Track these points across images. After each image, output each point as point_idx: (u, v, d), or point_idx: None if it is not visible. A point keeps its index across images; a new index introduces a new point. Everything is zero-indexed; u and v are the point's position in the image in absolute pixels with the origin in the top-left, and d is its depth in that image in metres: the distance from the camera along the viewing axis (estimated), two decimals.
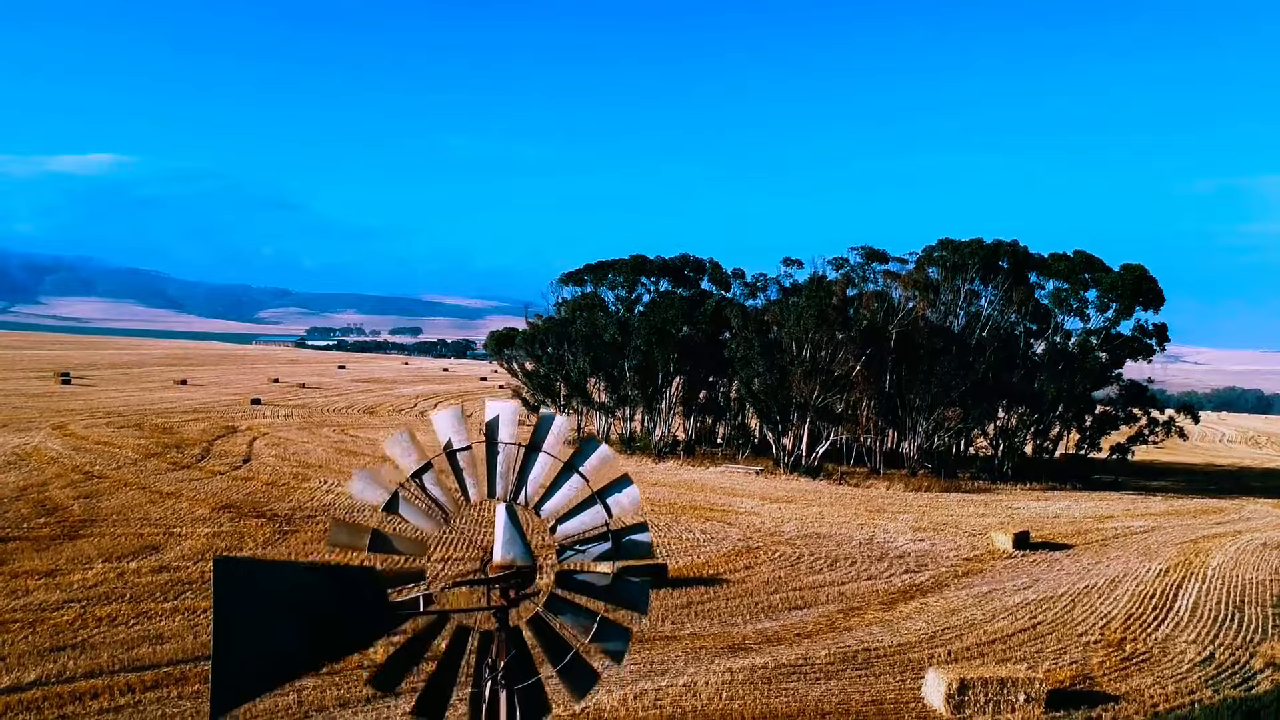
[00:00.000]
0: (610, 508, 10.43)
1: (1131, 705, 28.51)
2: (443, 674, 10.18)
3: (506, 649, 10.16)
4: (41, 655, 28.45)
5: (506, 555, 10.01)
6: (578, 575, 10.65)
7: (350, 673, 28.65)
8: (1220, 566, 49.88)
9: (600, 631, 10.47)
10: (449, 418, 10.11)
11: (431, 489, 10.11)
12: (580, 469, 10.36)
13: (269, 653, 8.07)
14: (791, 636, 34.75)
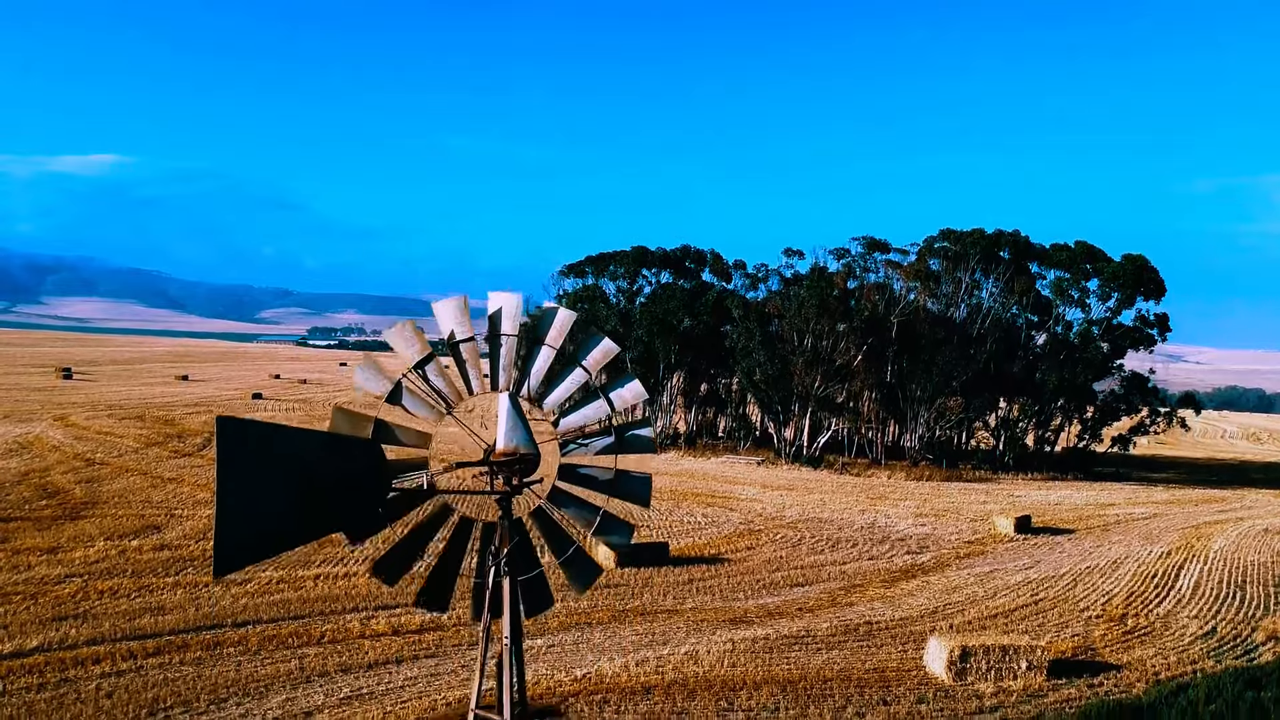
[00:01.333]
0: (613, 401, 10.39)
1: (1133, 674, 28.48)
2: (446, 564, 10.16)
3: (509, 537, 10.13)
4: (43, 624, 28.45)
5: (509, 443, 9.98)
6: (580, 469, 10.61)
7: (352, 641, 28.67)
8: (1222, 549, 49.84)
9: (603, 524, 10.45)
10: (452, 309, 10.06)
11: (434, 380, 10.08)
12: (583, 362, 10.33)
13: (271, 516, 8.05)
14: (793, 611, 34.72)
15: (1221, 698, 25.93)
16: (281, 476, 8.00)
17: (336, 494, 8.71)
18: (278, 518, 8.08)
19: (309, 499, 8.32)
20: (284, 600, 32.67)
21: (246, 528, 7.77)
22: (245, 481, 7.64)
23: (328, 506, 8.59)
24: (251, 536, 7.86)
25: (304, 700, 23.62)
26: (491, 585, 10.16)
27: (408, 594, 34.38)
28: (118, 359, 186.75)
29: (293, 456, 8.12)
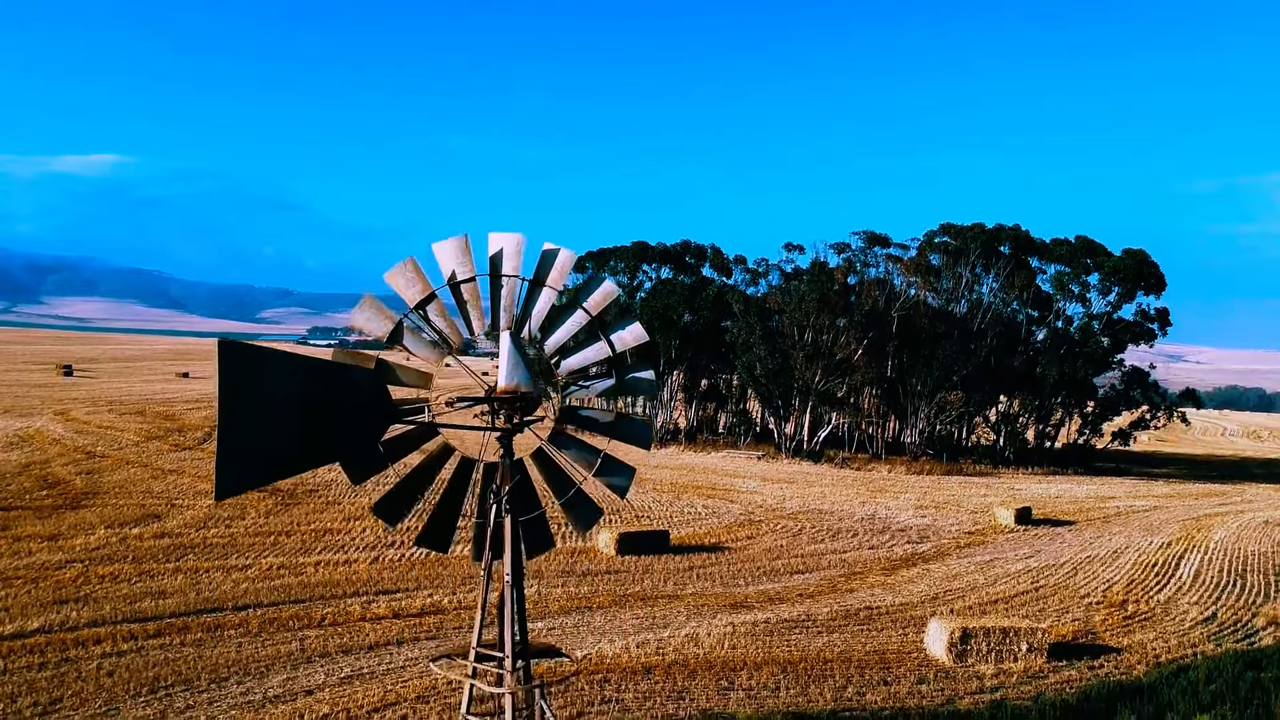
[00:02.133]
0: (614, 344, 10.39)
1: (1134, 656, 28.48)
2: (447, 505, 10.16)
3: (510, 476, 10.14)
4: (44, 607, 28.48)
5: (511, 381, 9.97)
6: (581, 410, 10.62)
7: (353, 624, 28.69)
8: (1222, 540, 49.81)
9: (604, 466, 10.45)
10: (452, 250, 10.06)
11: (435, 320, 10.09)
12: (584, 304, 10.33)
13: (272, 441, 8.06)
14: (793, 597, 34.74)
15: (1222, 678, 25.94)
16: (283, 402, 8.01)
17: (338, 423, 8.72)
18: (279, 443, 8.10)
19: (311, 426, 8.33)
20: (285, 585, 32.70)
21: (248, 452, 7.79)
22: (247, 405, 7.64)
23: (329, 435, 8.61)
24: (253, 461, 7.87)
25: (305, 680, 23.63)
26: (493, 525, 10.16)
27: (409, 579, 34.49)
28: (118, 356, 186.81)
29: (295, 383, 8.11)
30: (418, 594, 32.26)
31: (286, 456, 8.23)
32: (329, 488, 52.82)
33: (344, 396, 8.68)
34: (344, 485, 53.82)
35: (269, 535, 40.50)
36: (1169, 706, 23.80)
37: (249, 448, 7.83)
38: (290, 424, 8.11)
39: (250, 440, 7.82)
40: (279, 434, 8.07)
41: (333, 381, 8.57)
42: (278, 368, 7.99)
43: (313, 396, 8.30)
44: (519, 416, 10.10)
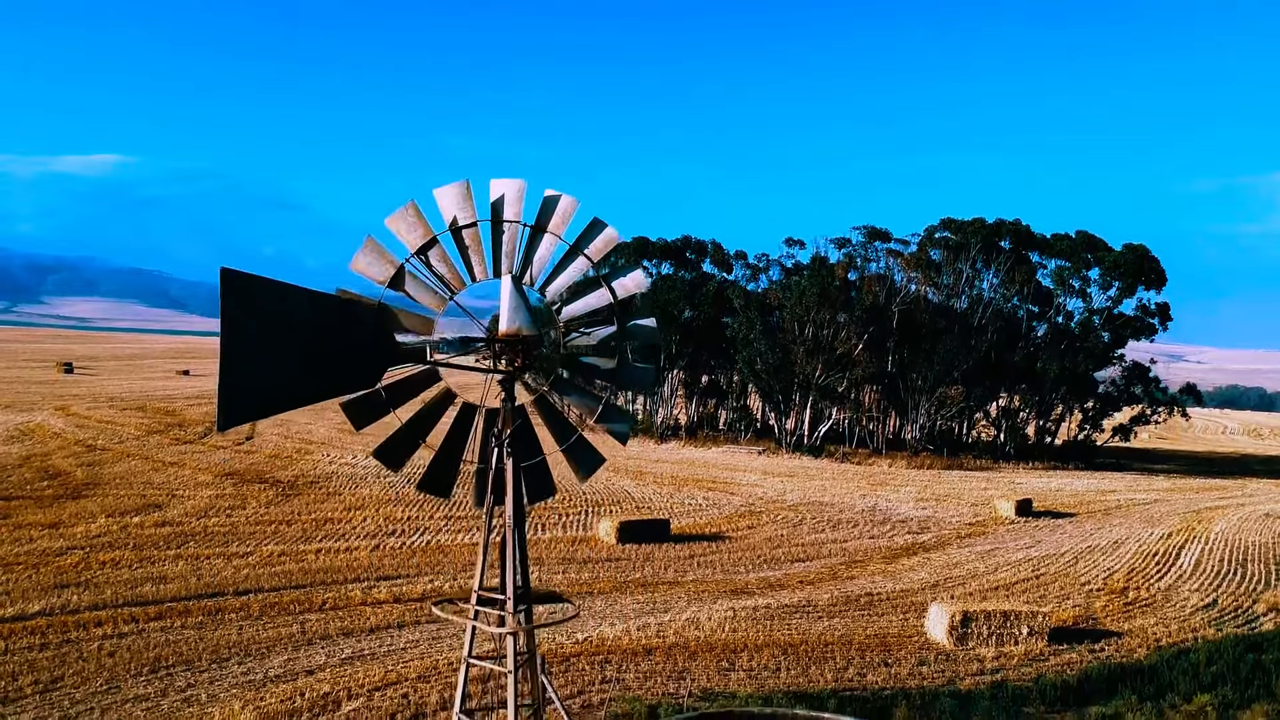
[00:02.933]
0: (616, 291, 10.39)
1: (1135, 640, 28.49)
2: (448, 450, 10.17)
3: (512, 419, 10.14)
4: (45, 591, 28.48)
5: (512, 324, 9.98)
6: (583, 357, 10.62)
7: (354, 608, 28.70)
8: (1223, 531, 49.80)
9: (606, 412, 10.44)
10: (454, 195, 10.05)
11: (437, 265, 10.08)
12: (585, 251, 10.32)
13: (274, 373, 8.06)
14: (794, 583, 34.74)
15: (1223, 660, 25.95)
16: (285, 334, 8.00)
17: (340, 358, 8.72)
18: (281, 375, 8.10)
19: (312, 359, 8.32)
20: (285, 571, 32.70)
21: (250, 383, 7.79)
22: (249, 336, 7.64)
23: (331, 369, 8.61)
24: (254, 391, 7.87)
25: (305, 660, 23.65)
26: (494, 470, 10.16)
27: (409, 566, 34.50)
28: (119, 355, 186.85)
29: (298, 316, 8.11)
30: (419, 580, 32.27)
31: (288, 389, 8.22)
32: (329, 480, 52.84)
33: (346, 332, 8.68)
34: (344, 477, 53.82)
35: (270, 524, 40.48)
36: (1170, 687, 23.81)
37: (251, 378, 7.83)
38: (292, 357, 8.12)
39: (252, 371, 7.82)
40: (281, 366, 8.07)
41: (335, 317, 8.57)
42: (280, 300, 7.99)
43: (315, 330, 8.30)
44: (520, 360, 10.11)
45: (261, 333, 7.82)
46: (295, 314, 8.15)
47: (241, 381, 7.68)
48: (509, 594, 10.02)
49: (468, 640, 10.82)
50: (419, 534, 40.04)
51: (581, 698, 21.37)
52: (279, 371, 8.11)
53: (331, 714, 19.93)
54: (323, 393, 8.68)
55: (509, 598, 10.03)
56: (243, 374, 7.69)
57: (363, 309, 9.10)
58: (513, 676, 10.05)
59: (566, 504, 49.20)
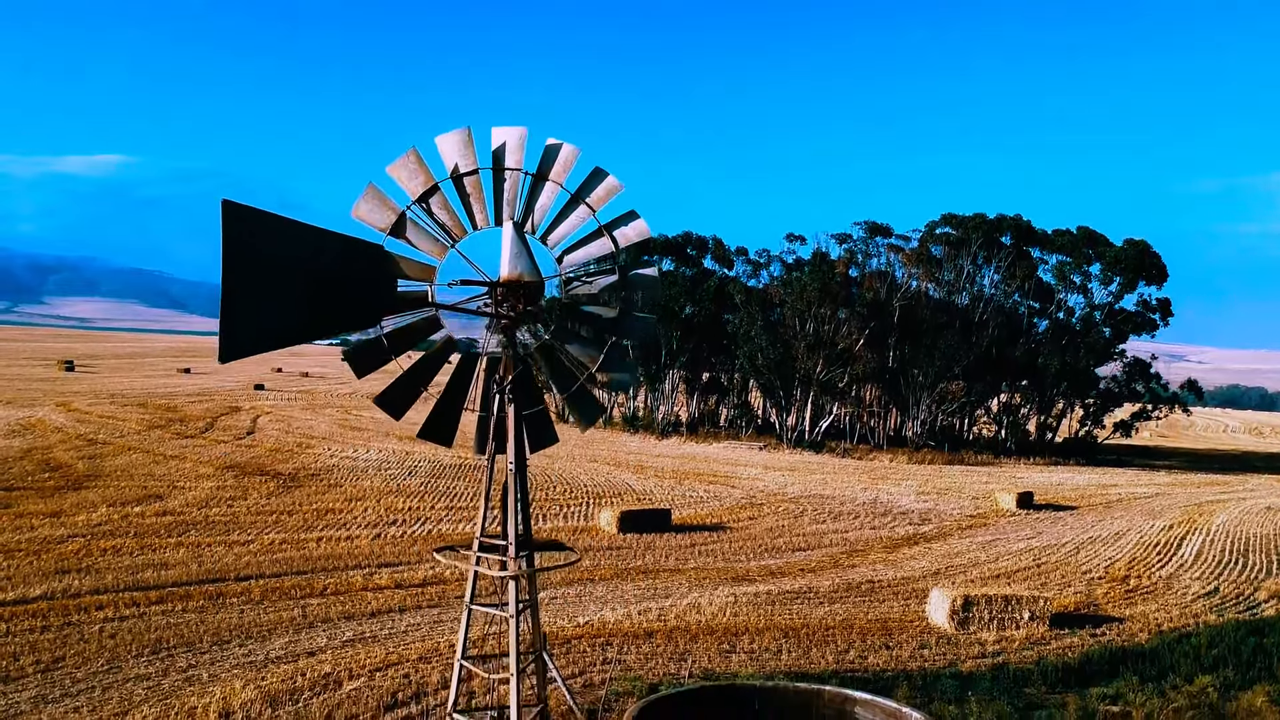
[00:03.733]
0: (617, 240, 10.39)
1: (1136, 625, 28.46)
2: (449, 398, 10.17)
3: (514, 366, 10.13)
4: (46, 576, 28.48)
5: (514, 270, 9.98)
6: (585, 306, 10.61)
7: (355, 593, 28.71)
8: (1224, 524, 49.78)
9: (607, 361, 10.43)
10: (455, 142, 10.05)
11: (438, 213, 10.08)
12: (587, 200, 10.31)
13: (275, 307, 8.06)
14: (795, 571, 34.74)
15: (1224, 643, 25.93)
16: (286, 269, 7.99)
17: (341, 296, 8.72)
18: (282, 310, 8.09)
19: (313, 296, 8.31)
20: (287, 558, 32.72)
21: (251, 316, 7.78)
22: (250, 269, 7.63)
23: (332, 307, 8.60)
24: (255, 325, 7.86)
25: (307, 642, 23.63)
26: (496, 417, 10.17)
27: (410, 554, 34.51)
28: (119, 353, 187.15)
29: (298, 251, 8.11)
30: (420, 567, 32.28)
31: (288, 324, 8.22)
32: (330, 472, 52.89)
33: (347, 271, 8.67)
34: (345, 470, 53.88)
35: (271, 514, 40.50)
36: (1172, 669, 23.78)
37: (252, 312, 7.83)
38: (292, 292, 8.11)
39: (253, 305, 7.82)
40: (282, 301, 8.07)
41: (336, 255, 8.56)
42: (282, 234, 7.99)
43: (316, 267, 8.29)
44: (522, 305, 10.11)
45: (262, 266, 7.81)
46: (296, 249, 8.14)
47: (242, 314, 7.67)
48: (511, 539, 10.03)
49: (469, 586, 10.84)
50: (420, 524, 40.06)
51: (582, 678, 21.36)
52: (280, 306, 8.11)
53: (333, 692, 19.91)
54: (323, 330, 8.69)
55: (511, 542, 10.03)
56: (244, 307, 7.69)
57: (364, 248, 9.10)
58: (514, 621, 10.07)
59: (567, 495, 49.24)
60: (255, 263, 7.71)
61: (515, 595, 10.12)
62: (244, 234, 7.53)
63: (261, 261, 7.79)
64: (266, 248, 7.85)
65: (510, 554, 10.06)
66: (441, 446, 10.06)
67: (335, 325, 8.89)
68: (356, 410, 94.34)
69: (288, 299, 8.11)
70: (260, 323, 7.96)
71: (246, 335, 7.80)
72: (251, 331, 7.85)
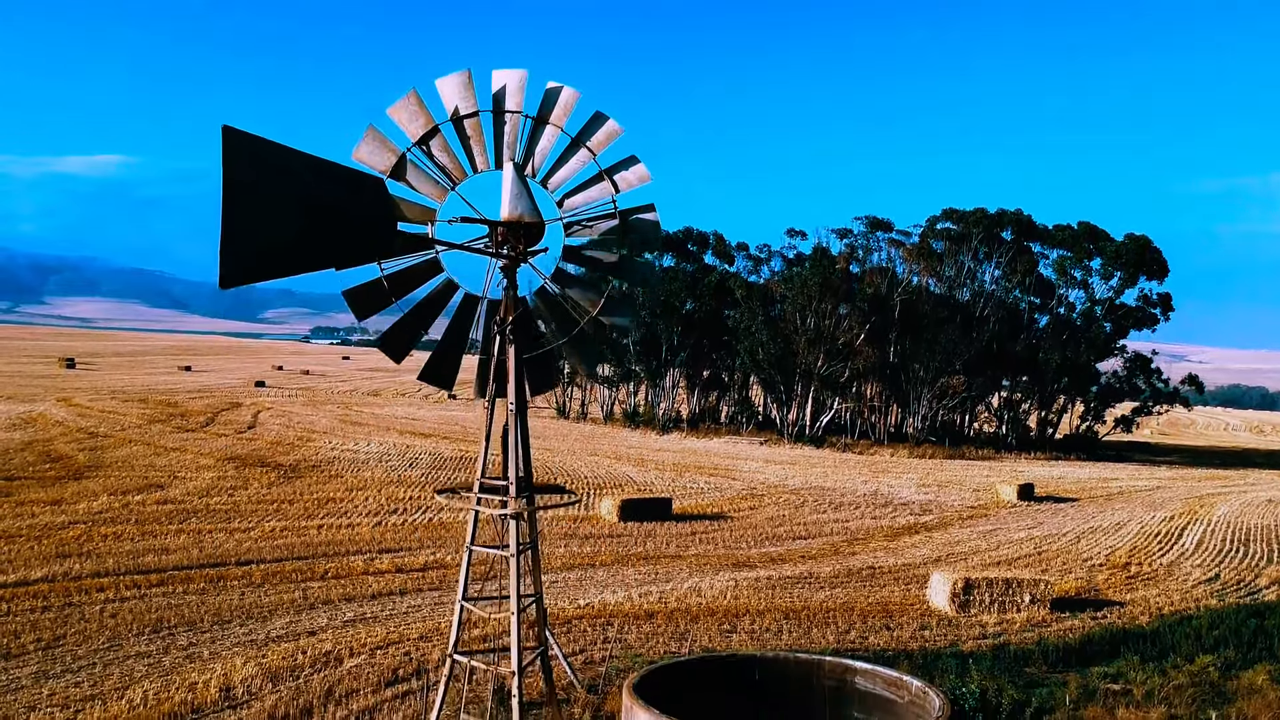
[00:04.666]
0: (618, 184, 10.38)
1: (1137, 609, 28.44)
2: (451, 341, 10.17)
3: (515, 306, 10.14)
4: (47, 560, 28.49)
5: (514, 210, 9.97)
6: (586, 250, 10.61)
7: (356, 577, 28.71)
8: (1225, 515, 49.78)
9: (608, 305, 10.43)
10: (456, 85, 10.04)
11: (438, 155, 10.08)
12: (588, 144, 10.31)
13: (276, 234, 8.06)
14: (795, 558, 34.73)
15: (1225, 625, 25.92)
16: (287, 197, 7.99)
17: (342, 228, 8.72)
18: (282, 238, 8.08)
19: (314, 226, 8.31)
20: (288, 544, 32.73)
21: (251, 242, 7.77)
22: (251, 195, 7.62)
23: (332, 238, 8.61)
24: (256, 252, 7.85)
25: (307, 623, 23.64)
26: (496, 360, 10.16)
27: (411, 540, 34.52)
28: (120, 351, 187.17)
29: (300, 180, 8.10)
30: (420, 552, 32.29)
31: (289, 252, 8.20)
32: (331, 464, 52.90)
33: (348, 203, 8.66)
34: (347, 462, 53.87)
35: (272, 503, 40.50)
36: (1172, 649, 23.77)
37: (252, 238, 7.82)
38: (293, 221, 8.10)
39: (253, 231, 7.81)
40: (282, 229, 8.06)
41: (338, 186, 8.56)
42: (283, 163, 7.97)
43: (317, 197, 8.28)
44: (522, 246, 10.11)
45: (262, 194, 7.79)
46: (297, 179, 8.13)
47: (242, 241, 7.67)
48: (511, 479, 10.04)
49: (470, 528, 10.86)
50: (421, 512, 40.07)
51: (583, 655, 21.36)
52: (280, 234, 8.09)
53: (333, 669, 19.91)
54: (323, 260, 8.67)
55: (511, 482, 10.04)
56: (243, 234, 7.68)
57: (366, 180, 9.10)
58: (515, 561, 10.08)
59: (568, 486, 49.24)
60: (255, 190, 7.70)
61: (516, 534, 10.14)
62: (244, 161, 7.52)
63: (261, 189, 7.78)
64: (267, 176, 7.84)
65: (511, 493, 10.07)
66: (443, 390, 10.05)
67: (335, 257, 8.86)
68: (358, 407, 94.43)
69: (288, 227, 8.10)
70: (260, 250, 7.95)
71: (247, 262, 7.79)
72: (251, 259, 7.84)
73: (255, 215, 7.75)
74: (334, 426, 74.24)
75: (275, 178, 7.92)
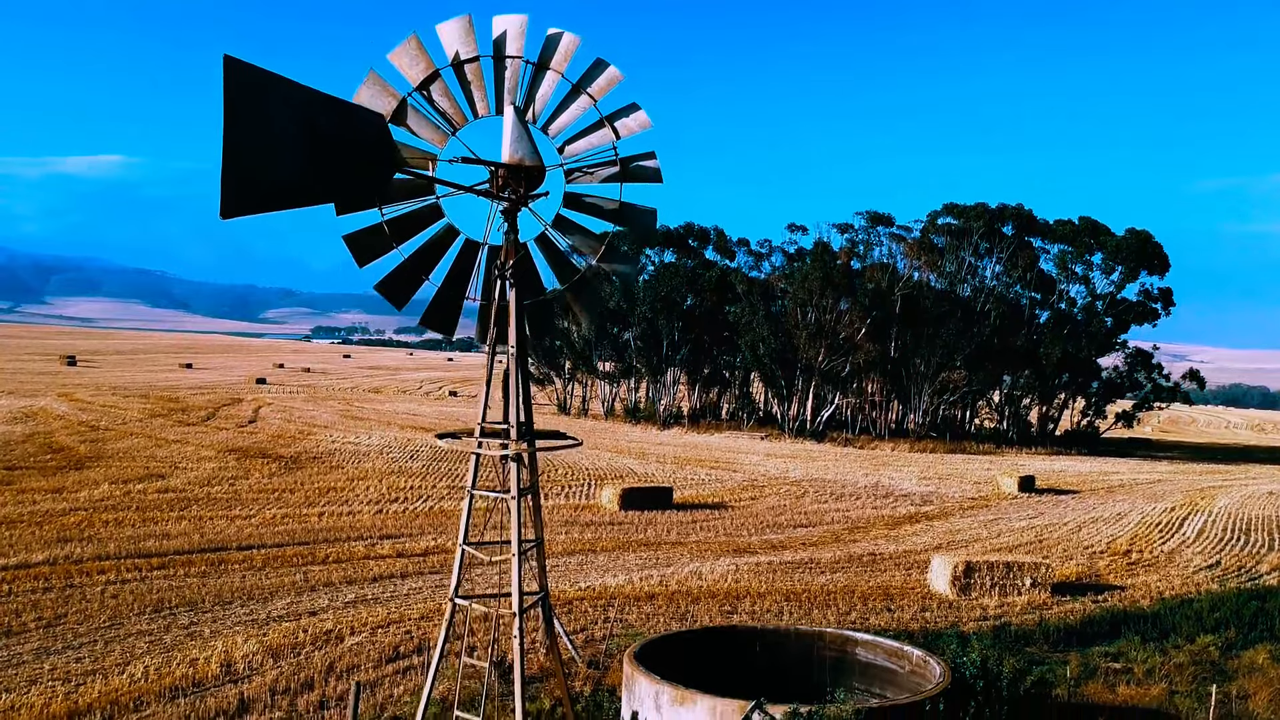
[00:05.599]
0: (618, 130, 10.40)
1: (1138, 593, 28.45)
2: (451, 285, 10.19)
3: (515, 250, 10.15)
4: (49, 544, 28.51)
5: (515, 153, 9.99)
6: (586, 197, 10.63)
7: (357, 561, 28.73)
8: (1226, 506, 49.74)
9: (608, 253, 10.44)
10: (456, 30, 10.06)
11: (439, 100, 10.10)
12: (588, 90, 10.33)
13: (278, 166, 8.06)
14: (796, 545, 34.74)
15: (1226, 607, 25.92)
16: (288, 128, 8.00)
17: (344, 160, 8.74)
18: (284, 170, 8.09)
19: (316, 157, 8.32)
20: (289, 530, 32.77)
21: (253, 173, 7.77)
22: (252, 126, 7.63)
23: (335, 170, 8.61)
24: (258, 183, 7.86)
25: (308, 604, 23.66)
26: (497, 305, 10.18)
27: (413, 527, 34.53)
28: (121, 349, 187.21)
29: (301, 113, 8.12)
30: (422, 538, 32.31)
31: (291, 183, 8.21)
32: (332, 455, 52.92)
33: (350, 137, 8.68)
34: (348, 454, 53.89)
35: (273, 492, 40.54)
36: (1173, 630, 23.78)
37: (254, 170, 7.82)
38: (296, 153, 8.11)
39: (254, 162, 7.81)
40: (285, 160, 8.06)
41: (340, 120, 8.57)
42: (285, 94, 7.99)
43: (319, 129, 8.30)
44: (523, 189, 10.13)
45: (264, 125, 7.81)
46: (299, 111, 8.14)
47: (244, 171, 7.67)
48: (512, 422, 10.06)
49: (472, 471, 10.88)
50: (422, 500, 40.10)
51: (584, 634, 21.39)
52: (281, 166, 8.10)
53: (334, 646, 19.94)
54: (324, 195, 8.67)
55: (512, 425, 10.06)
56: (245, 164, 7.68)
57: (367, 115, 9.12)
58: (515, 503, 10.10)
59: (569, 477, 49.27)
60: (257, 121, 7.72)
61: (517, 477, 10.16)
62: (245, 92, 7.54)
63: (262, 121, 7.79)
64: (267, 107, 7.86)
65: (512, 436, 10.09)
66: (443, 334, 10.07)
67: (336, 191, 8.87)
68: (359, 403, 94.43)
69: (289, 160, 8.11)
70: (262, 179, 7.95)
71: (247, 193, 7.79)
72: (251, 190, 7.85)
73: (256, 146, 7.77)
74: (335, 421, 74.27)
75: (276, 109, 7.94)
